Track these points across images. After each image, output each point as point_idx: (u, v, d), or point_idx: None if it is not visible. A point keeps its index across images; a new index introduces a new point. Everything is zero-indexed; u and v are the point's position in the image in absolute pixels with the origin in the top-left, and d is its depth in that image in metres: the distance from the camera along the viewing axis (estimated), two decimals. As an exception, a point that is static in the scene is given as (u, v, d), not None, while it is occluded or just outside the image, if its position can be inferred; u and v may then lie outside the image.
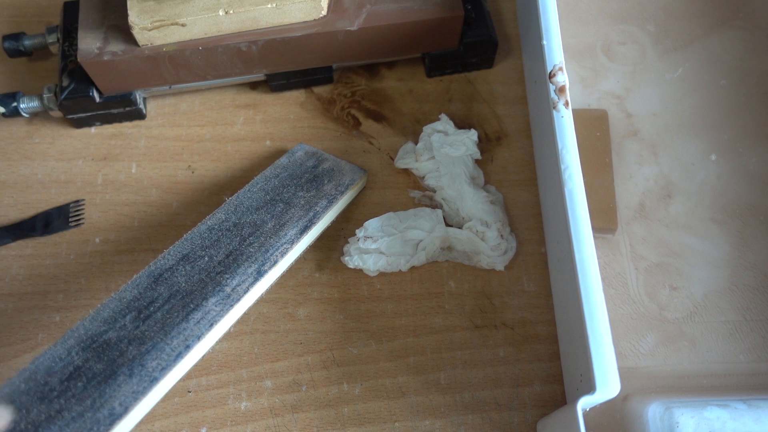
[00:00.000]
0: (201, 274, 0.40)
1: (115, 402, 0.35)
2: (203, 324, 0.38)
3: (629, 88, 0.52)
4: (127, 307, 0.38)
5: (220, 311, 0.39)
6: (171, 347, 0.37)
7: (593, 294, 0.35)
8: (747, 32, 0.54)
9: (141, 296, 0.39)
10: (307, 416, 0.43)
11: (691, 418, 0.38)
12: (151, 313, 0.38)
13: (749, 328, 0.45)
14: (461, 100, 0.53)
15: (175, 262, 0.41)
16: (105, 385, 0.35)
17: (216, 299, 0.39)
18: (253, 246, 0.42)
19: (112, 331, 0.37)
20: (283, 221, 0.43)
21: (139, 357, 0.36)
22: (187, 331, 0.38)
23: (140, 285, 0.39)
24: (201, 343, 0.38)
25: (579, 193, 0.38)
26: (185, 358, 0.37)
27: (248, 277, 0.40)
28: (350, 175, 0.47)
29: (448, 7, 0.48)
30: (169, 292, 0.39)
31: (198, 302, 0.39)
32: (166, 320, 0.38)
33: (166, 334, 0.37)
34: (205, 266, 0.40)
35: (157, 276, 0.40)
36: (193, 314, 0.38)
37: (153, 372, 0.36)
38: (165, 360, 0.36)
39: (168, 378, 0.36)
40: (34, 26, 0.56)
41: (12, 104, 0.49)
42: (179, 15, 0.45)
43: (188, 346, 0.37)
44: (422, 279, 0.47)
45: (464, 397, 0.43)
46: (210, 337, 0.38)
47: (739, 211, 0.48)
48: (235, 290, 0.40)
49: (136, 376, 0.36)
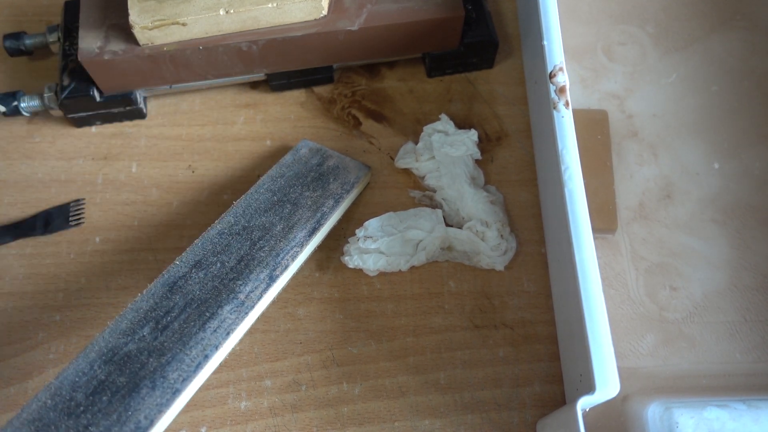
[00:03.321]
0: (214, 281, 0.40)
1: (141, 415, 0.35)
2: (220, 333, 0.38)
3: (629, 88, 0.52)
4: (145, 318, 0.39)
5: (235, 319, 0.39)
6: (190, 358, 0.37)
7: (593, 294, 0.35)
8: (747, 32, 0.54)
9: (157, 306, 0.39)
10: (307, 416, 0.43)
11: (691, 419, 0.38)
12: (168, 323, 0.38)
13: (749, 328, 0.45)
14: (461, 100, 0.53)
15: (188, 269, 0.41)
16: (129, 398, 0.36)
17: (230, 307, 0.39)
18: (263, 250, 0.42)
19: (132, 343, 0.37)
20: (292, 223, 0.44)
21: (160, 369, 0.37)
22: (205, 341, 0.38)
23: (156, 294, 0.40)
24: (218, 352, 0.38)
25: (579, 193, 0.38)
26: (204, 368, 0.37)
27: (261, 283, 0.41)
28: (355, 173, 0.48)
29: (448, 7, 0.48)
30: (185, 301, 0.39)
31: (213, 310, 0.39)
32: (183, 330, 0.38)
33: (185, 345, 0.38)
34: (218, 273, 0.41)
35: (171, 284, 0.40)
36: (210, 323, 0.39)
37: (174, 384, 0.36)
38: (185, 371, 0.37)
39: (189, 389, 0.37)
40: (34, 25, 0.56)
41: (12, 103, 0.49)
42: (180, 14, 0.45)
43: (207, 356, 0.37)
44: (422, 279, 0.47)
45: (464, 397, 0.43)
46: (227, 345, 0.39)
47: (739, 212, 0.48)
48: (248, 297, 0.40)
49: (159, 388, 0.36)
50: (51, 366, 0.44)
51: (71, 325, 0.45)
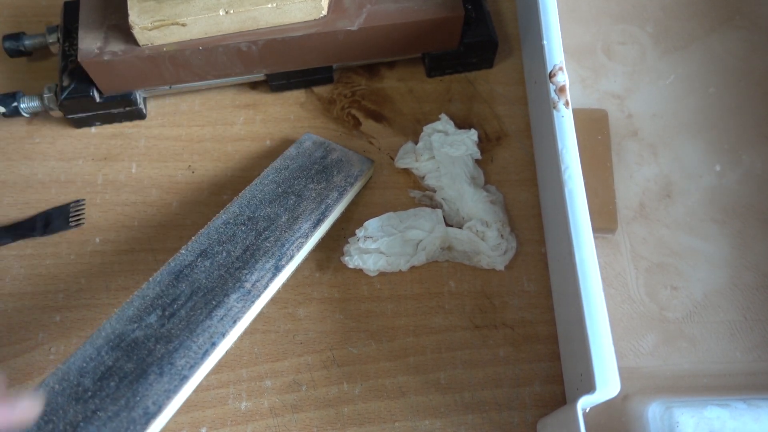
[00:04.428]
0: (220, 270, 0.41)
1: (149, 401, 0.35)
2: (227, 321, 0.39)
3: (629, 88, 0.52)
4: (151, 305, 0.39)
5: (242, 307, 0.39)
6: (197, 345, 0.37)
7: (593, 294, 0.35)
8: (747, 32, 0.54)
9: (164, 294, 0.39)
10: (307, 416, 0.43)
11: (691, 418, 0.38)
12: (175, 311, 0.39)
13: (749, 327, 0.45)
14: (461, 100, 0.53)
15: (194, 258, 0.41)
16: (137, 384, 0.36)
17: (237, 295, 0.40)
18: (269, 240, 0.42)
19: (138, 330, 0.38)
20: (296, 214, 0.44)
21: (167, 355, 0.37)
22: (212, 329, 0.38)
23: (162, 282, 0.40)
24: (225, 340, 0.38)
25: (579, 193, 0.38)
26: (211, 355, 0.38)
27: (266, 273, 0.41)
28: (358, 166, 0.48)
29: (448, 7, 0.48)
30: (191, 289, 0.40)
31: (220, 299, 0.39)
32: (190, 318, 0.38)
33: (192, 332, 0.38)
34: (224, 262, 0.41)
35: (177, 273, 0.40)
36: (216, 311, 0.39)
37: (182, 370, 0.36)
38: (193, 358, 0.37)
39: (196, 375, 0.37)
40: (34, 26, 0.56)
41: (12, 104, 0.49)
42: (179, 15, 0.45)
43: (214, 344, 0.38)
44: (422, 279, 0.47)
45: (464, 397, 0.43)
46: (233, 333, 0.39)
47: (739, 211, 0.48)
48: (254, 286, 0.40)
49: (167, 374, 0.36)
50: (51, 366, 0.44)
51: (71, 325, 0.45)
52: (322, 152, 0.48)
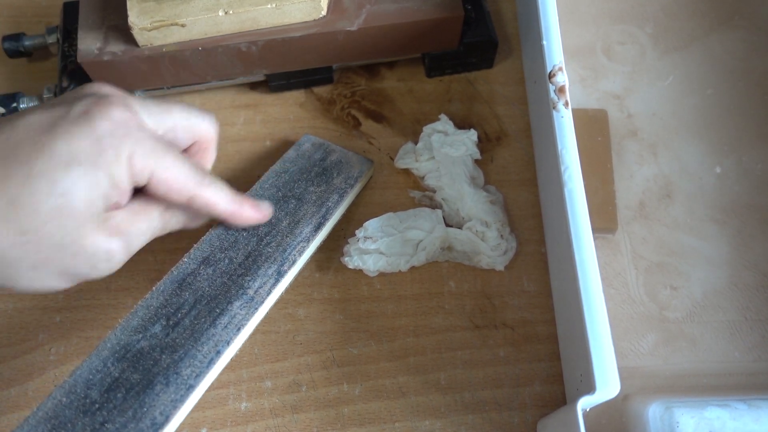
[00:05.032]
0: (223, 278, 0.41)
1: (156, 411, 0.35)
2: (231, 329, 0.39)
3: (629, 88, 0.52)
4: (156, 315, 0.39)
5: (245, 315, 0.39)
6: (203, 354, 0.37)
7: (593, 294, 0.35)
8: (747, 32, 0.54)
9: (167, 303, 0.39)
10: (307, 416, 0.43)
11: (692, 418, 0.38)
12: (179, 320, 0.39)
13: (749, 327, 0.45)
14: (461, 100, 0.53)
15: (197, 266, 0.41)
16: (144, 395, 0.36)
17: (240, 303, 0.40)
18: (270, 246, 0.42)
19: (144, 340, 0.38)
20: (297, 218, 0.44)
21: (173, 365, 0.37)
22: (216, 337, 0.38)
23: (165, 291, 0.40)
24: (230, 348, 0.38)
25: (579, 193, 0.38)
26: (217, 364, 0.38)
27: (269, 278, 0.41)
28: (358, 167, 0.48)
29: (448, 7, 0.48)
30: (194, 298, 0.40)
31: (223, 306, 0.39)
32: (194, 326, 0.38)
33: (197, 341, 0.38)
34: (226, 269, 0.41)
35: (180, 281, 0.40)
36: (220, 319, 0.39)
37: (188, 380, 0.36)
38: (198, 367, 0.37)
39: (202, 384, 0.37)
40: (33, 26, 0.56)
41: (12, 105, 0.49)
42: (179, 15, 0.45)
43: (219, 352, 0.38)
44: (422, 279, 0.47)
45: (464, 397, 0.43)
46: (238, 341, 0.39)
47: (739, 211, 0.48)
48: (257, 292, 0.40)
49: (173, 384, 0.36)
50: (51, 367, 0.44)
51: (71, 326, 0.45)
52: (321, 154, 0.48)
